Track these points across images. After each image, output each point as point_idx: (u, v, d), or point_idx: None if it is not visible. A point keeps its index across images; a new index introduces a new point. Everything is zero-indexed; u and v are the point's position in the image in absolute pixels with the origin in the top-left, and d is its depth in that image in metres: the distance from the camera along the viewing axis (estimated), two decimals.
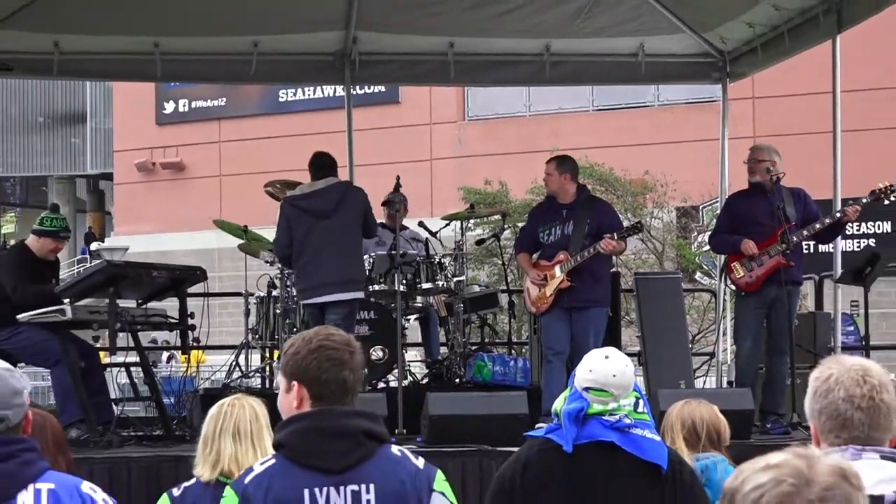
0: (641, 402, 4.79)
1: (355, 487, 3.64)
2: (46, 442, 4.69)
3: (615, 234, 10.23)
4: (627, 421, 4.70)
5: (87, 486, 3.82)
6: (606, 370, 4.72)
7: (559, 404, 4.76)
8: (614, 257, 11.83)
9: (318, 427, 3.68)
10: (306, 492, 3.62)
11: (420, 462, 3.79)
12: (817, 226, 10.33)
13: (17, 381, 3.87)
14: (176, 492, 4.94)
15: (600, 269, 10.46)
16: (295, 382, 3.77)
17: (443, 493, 3.75)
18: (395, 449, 3.78)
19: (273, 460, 3.70)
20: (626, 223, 11.91)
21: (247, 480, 3.67)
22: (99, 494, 3.83)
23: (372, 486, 3.65)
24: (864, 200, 10.34)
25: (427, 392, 10.12)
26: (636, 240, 23.11)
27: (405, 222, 12.39)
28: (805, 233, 10.39)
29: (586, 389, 4.70)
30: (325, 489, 3.63)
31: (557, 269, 10.34)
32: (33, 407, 4.03)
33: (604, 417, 4.69)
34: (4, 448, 3.71)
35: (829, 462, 2.17)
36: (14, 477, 3.68)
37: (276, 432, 3.77)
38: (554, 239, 10.47)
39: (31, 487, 3.69)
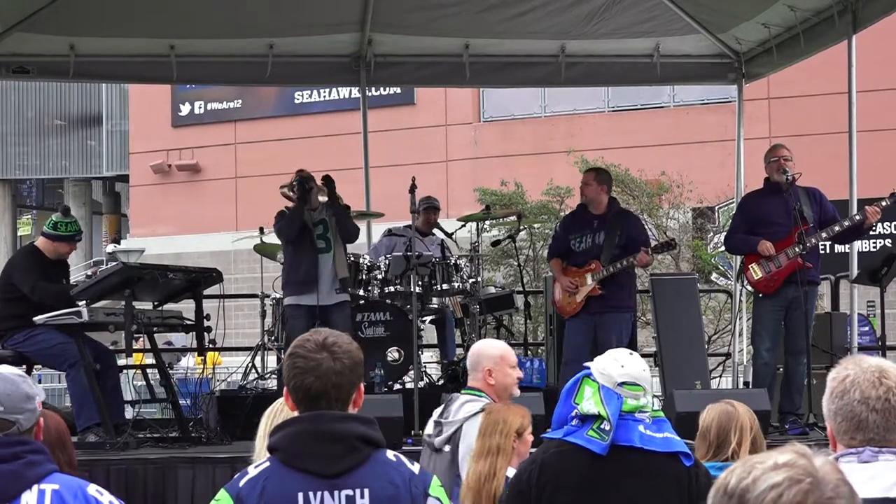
0: (657, 401, 4.83)
1: (349, 492, 3.62)
2: (48, 435, 4.69)
3: (650, 249, 10.55)
4: (647, 420, 4.73)
5: (93, 489, 3.80)
6: (637, 365, 4.78)
7: (600, 408, 4.73)
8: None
9: (311, 430, 3.66)
10: (300, 495, 3.60)
11: (415, 467, 3.77)
12: (836, 228, 10.29)
13: (30, 387, 3.88)
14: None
15: (626, 277, 10.73)
16: (286, 387, 3.81)
17: (438, 499, 3.74)
18: (390, 454, 3.76)
19: (267, 463, 3.68)
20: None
21: (241, 483, 3.64)
22: (105, 497, 3.81)
23: (367, 491, 3.62)
24: (885, 202, 10.26)
25: (443, 393, 10.12)
26: (651, 241, 23.14)
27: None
28: (824, 234, 10.35)
29: (621, 385, 4.71)
30: (319, 493, 3.61)
31: (589, 276, 10.63)
32: (43, 407, 4.04)
33: (635, 415, 4.71)
34: (10, 449, 3.71)
35: (826, 460, 2.18)
36: (18, 477, 3.68)
37: (271, 436, 3.77)
38: (585, 247, 10.76)
39: (35, 488, 3.68)
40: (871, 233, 14.55)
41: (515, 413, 6.05)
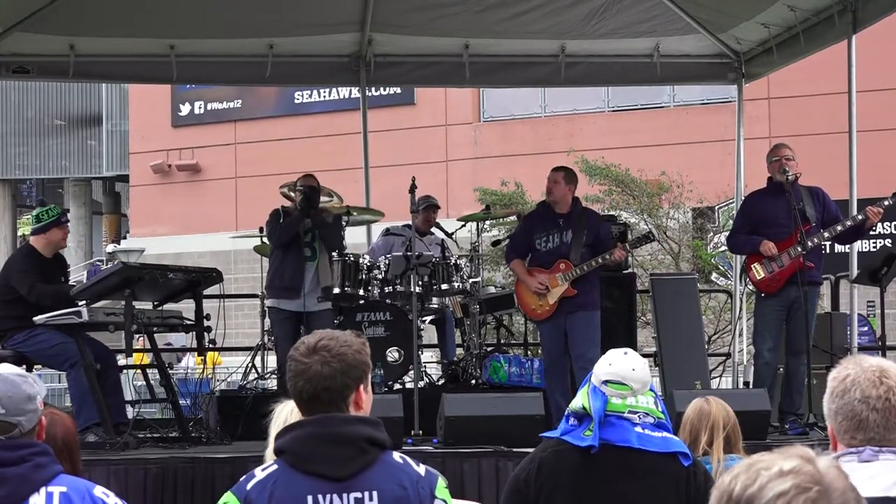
0: (659, 402, 4.82)
1: (358, 494, 3.61)
2: (55, 443, 4.67)
3: (627, 245, 10.48)
4: (650, 420, 4.73)
5: (99, 491, 3.80)
6: (626, 364, 4.76)
7: (584, 401, 4.74)
8: (629, 258, 11.96)
9: (319, 433, 3.65)
10: (310, 498, 3.60)
11: (422, 469, 3.77)
12: (839, 227, 10.27)
13: (31, 386, 3.86)
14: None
15: (595, 275, 10.63)
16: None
17: (444, 501, 3.73)
18: (396, 455, 3.75)
19: (275, 466, 3.67)
20: (641, 225, 12.00)
21: (249, 486, 3.64)
22: (112, 499, 3.81)
23: (375, 493, 3.62)
24: (887, 203, 10.23)
25: (443, 393, 10.13)
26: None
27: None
28: (826, 234, 10.33)
29: (605, 383, 4.71)
30: (328, 496, 3.60)
31: (560, 277, 10.48)
32: (50, 408, 4.02)
33: (625, 415, 4.71)
34: (16, 452, 3.70)
35: (832, 464, 2.15)
36: (25, 480, 3.67)
37: (278, 438, 3.76)
38: (552, 246, 10.62)
39: (42, 491, 3.68)
40: (872, 233, 14.54)
41: None
